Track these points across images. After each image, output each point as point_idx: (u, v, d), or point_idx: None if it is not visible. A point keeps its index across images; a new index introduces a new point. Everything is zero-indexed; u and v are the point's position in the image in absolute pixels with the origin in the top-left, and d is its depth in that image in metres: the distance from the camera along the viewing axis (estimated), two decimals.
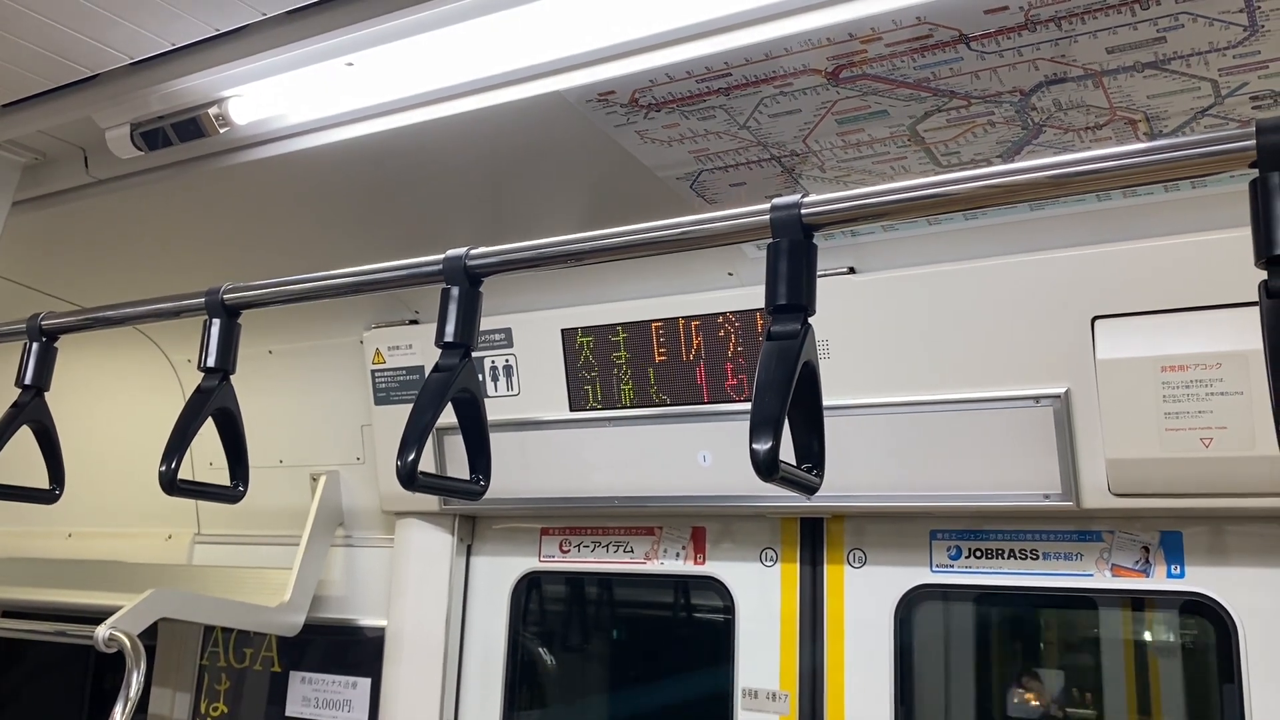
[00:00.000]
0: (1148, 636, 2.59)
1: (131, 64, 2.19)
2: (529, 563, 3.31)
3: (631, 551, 3.15)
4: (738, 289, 2.74)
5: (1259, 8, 1.67)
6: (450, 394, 1.67)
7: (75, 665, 4.37)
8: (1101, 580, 2.52)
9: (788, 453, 1.44)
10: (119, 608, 2.91)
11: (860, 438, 2.59)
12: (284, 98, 2.23)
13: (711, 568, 3.04)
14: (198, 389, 2.01)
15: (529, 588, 3.36)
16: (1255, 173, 1.25)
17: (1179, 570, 2.45)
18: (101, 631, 2.80)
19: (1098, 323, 2.31)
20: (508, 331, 3.03)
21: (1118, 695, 2.62)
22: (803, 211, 1.49)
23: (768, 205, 1.52)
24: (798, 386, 1.43)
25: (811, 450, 1.51)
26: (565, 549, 3.26)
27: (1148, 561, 2.48)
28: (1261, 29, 1.72)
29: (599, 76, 2.02)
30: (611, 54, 1.98)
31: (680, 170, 2.35)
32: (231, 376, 2.07)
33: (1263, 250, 1.21)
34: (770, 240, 1.51)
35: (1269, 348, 1.18)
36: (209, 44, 2.10)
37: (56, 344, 2.31)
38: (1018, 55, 1.84)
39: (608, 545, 3.19)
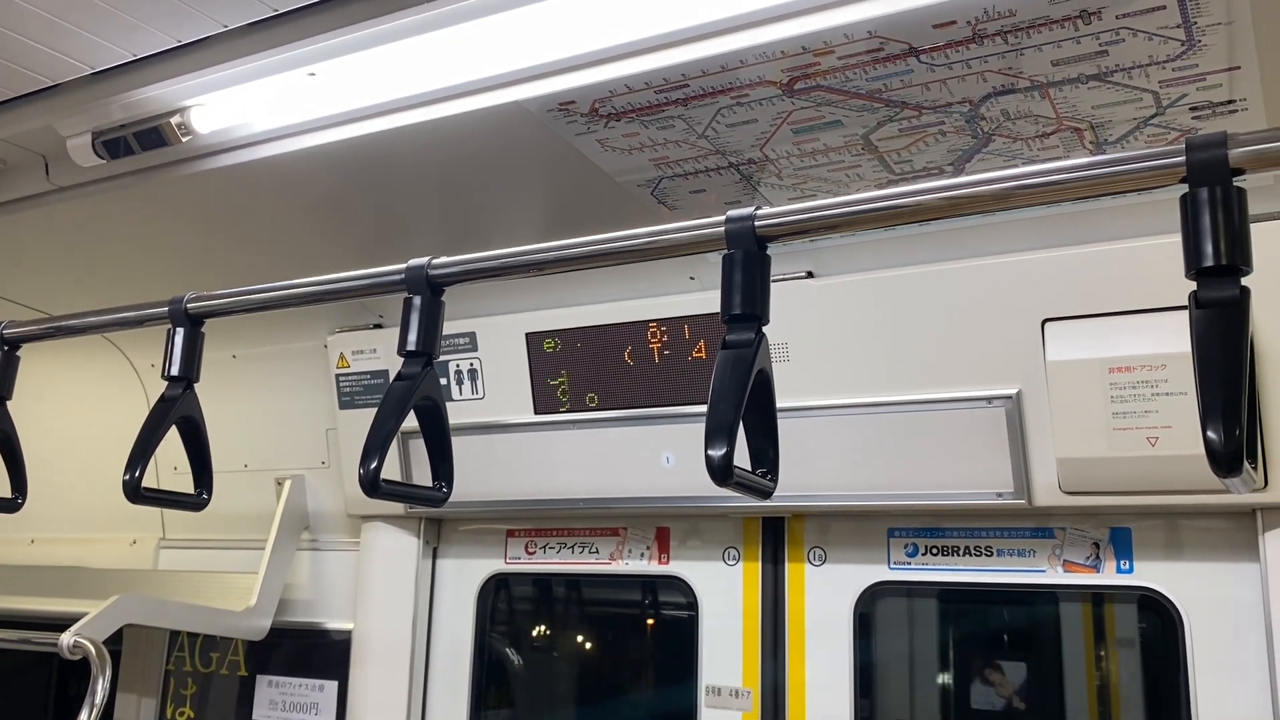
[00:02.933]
0: (1099, 630, 2.66)
1: (93, 74, 2.20)
2: (495, 564, 3.34)
3: (597, 552, 3.19)
4: (700, 293, 2.78)
5: (1195, 24, 1.73)
6: (412, 402, 1.70)
7: (39, 671, 4.34)
8: (1054, 576, 2.59)
9: (744, 458, 1.49)
10: (83, 614, 2.91)
11: (819, 438, 2.64)
12: (246, 107, 2.24)
13: (675, 567, 3.08)
14: (161, 398, 2.03)
15: (495, 589, 3.39)
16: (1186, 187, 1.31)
17: (1128, 565, 2.52)
18: (66, 639, 2.80)
19: (1047, 325, 2.37)
20: (472, 335, 3.05)
21: (1069, 687, 2.68)
22: (756, 224, 1.53)
23: (723, 218, 1.56)
24: (752, 393, 1.48)
25: (766, 455, 1.55)
26: (531, 550, 3.29)
27: (1098, 557, 2.55)
28: (1198, 44, 1.78)
29: (559, 87, 2.05)
30: (571, 65, 2.01)
31: (641, 177, 2.39)
32: (196, 383, 2.09)
33: (1192, 262, 1.27)
34: (725, 251, 1.55)
35: (1197, 356, 1.23)
36: (170, 54, 2.10)
37: (18, 353, 2.32)
38: (966, 67, 1.89)
39: (573, 546, 3.22)
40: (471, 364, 3.06)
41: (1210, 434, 1.18)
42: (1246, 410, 1.20)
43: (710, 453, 1.38)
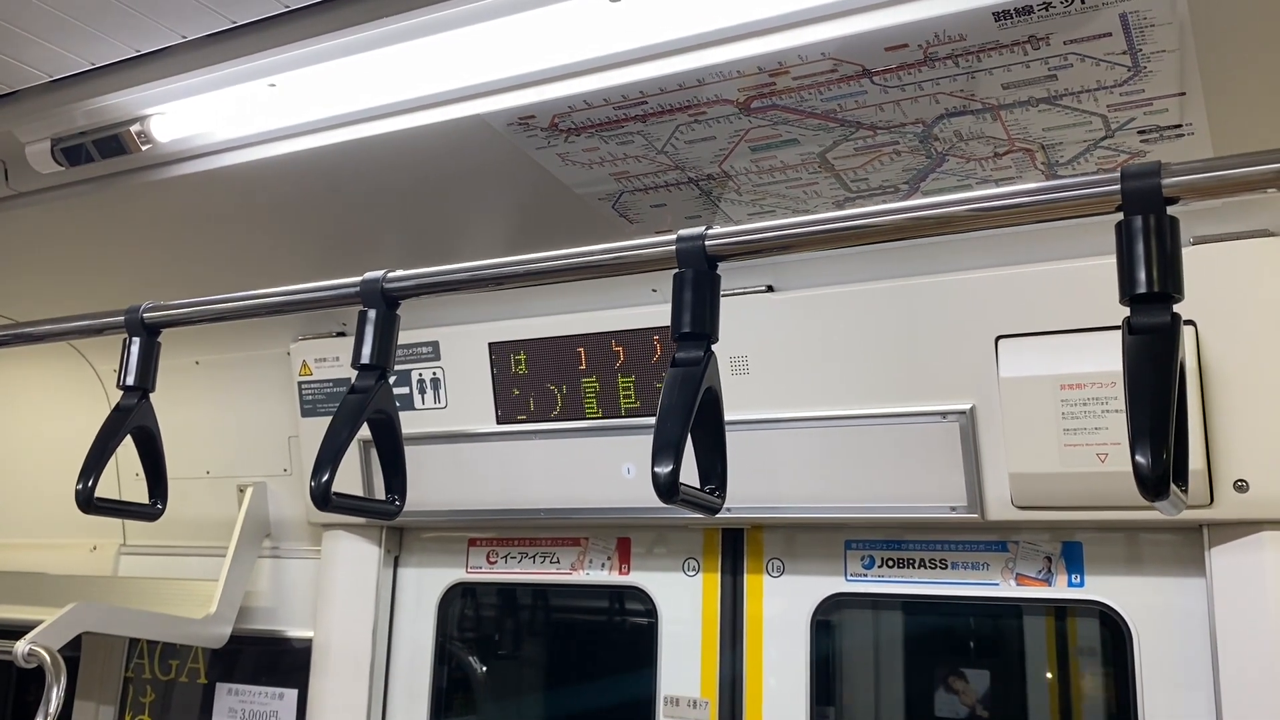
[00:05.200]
0: (1050, 641, 2.70)
1: (52, 81, 2.19)
2: (456, 573, 3.34)
3: (558, 562, 3.20)
4: (661, 305, 2.80)
5: (1141, 51, 1.77)
6: (365, 415, 1.71)
7: None
8: (1007, 589, 2.62)
9: (692, 475, 1.51)
10: (40, 621, 2.89)
11: (778, 451, 2.66)
12: (206, 116, 2.24)
13: (636, 578, 3.10)
14: (116, 407, 2.03)
15: (456, 598, 3.39)
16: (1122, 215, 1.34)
17: (1079, 579, 2.56)
18: (21, 647, 2.78)
19: (1001, 342, 2.40)
20: (435, 345, 3.05)
21: (1018, 698, 2.72)
22: (707, 244, 1.55)
23: (674, 237, 1.58)
24: (700, 411, 1.50)
25: (714, 472, 1.58)
26: (492, 560, 3.29)
27: (1050, 571, 2.58)
28: (1144, 70, 1.82)
29: (519, 101, 2.07)
30: (531, 80, 2.03)
31: (602, 191, 2.40)
32: (158, 388, 2.09)
33: (1126, 289, 1.30)
34: (676, 270, 1.57)
35: (1128, 381, 1.26)
36: (130, 64, 2.10)
37: None
38: (919, 89, 1.92)
39: (534, 556, 3.23)
40: (434, 373, 3.07)
41: (1138, 458, 1.21)
42: (1174, 435, 1.23)
43: (656, 470, 1.41)
